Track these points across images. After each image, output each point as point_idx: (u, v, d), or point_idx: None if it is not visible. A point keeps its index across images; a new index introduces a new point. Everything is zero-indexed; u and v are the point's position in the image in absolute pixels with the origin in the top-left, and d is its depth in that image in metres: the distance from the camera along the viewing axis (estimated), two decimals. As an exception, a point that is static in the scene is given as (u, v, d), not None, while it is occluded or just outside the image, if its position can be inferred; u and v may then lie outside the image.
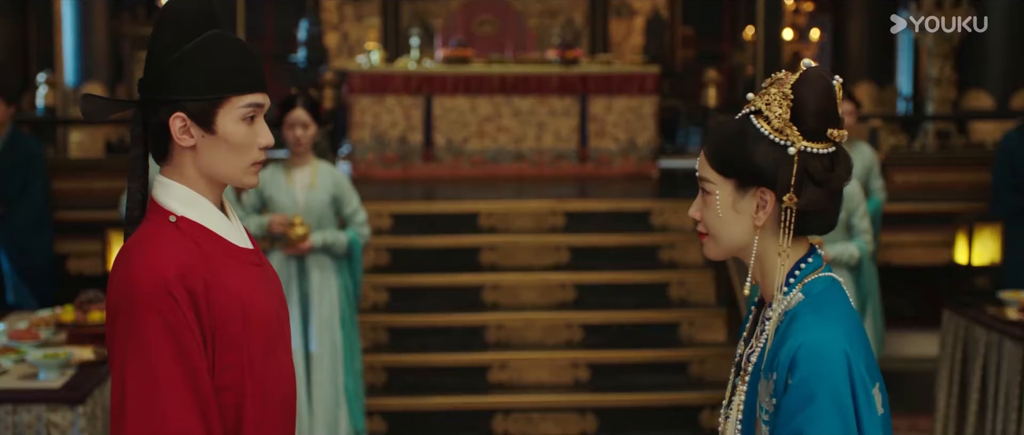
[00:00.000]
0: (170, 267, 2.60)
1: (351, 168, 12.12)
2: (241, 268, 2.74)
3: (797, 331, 2.49)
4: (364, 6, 15.10)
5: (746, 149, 2.54)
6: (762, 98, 2.57)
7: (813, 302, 2.54)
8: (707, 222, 2.64)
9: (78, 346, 5.81)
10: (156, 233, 2.68)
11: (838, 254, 6.88)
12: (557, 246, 9.51)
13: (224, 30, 2.73)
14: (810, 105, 2.53)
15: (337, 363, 7.06)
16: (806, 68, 2.59)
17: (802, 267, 2.59)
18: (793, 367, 2.45)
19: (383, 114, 12.30)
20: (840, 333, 2.48)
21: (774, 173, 2.52)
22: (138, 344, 2.57)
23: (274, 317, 2.79)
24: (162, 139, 2.72)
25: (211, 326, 2.63)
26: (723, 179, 2.58)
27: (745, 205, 2.58)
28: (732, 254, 2.65)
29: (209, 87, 2.67)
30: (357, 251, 7.05)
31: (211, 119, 2.68)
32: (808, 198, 2.53)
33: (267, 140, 2.75)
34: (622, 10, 15.57)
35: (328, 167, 7.12)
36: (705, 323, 9.04)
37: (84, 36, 12.84)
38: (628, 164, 12.54)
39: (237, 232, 2.80)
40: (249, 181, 2.76)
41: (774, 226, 2.58)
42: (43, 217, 9.30)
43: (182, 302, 2.59)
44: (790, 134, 2.52)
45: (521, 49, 14.21)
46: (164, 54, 2.68)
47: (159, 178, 2.75)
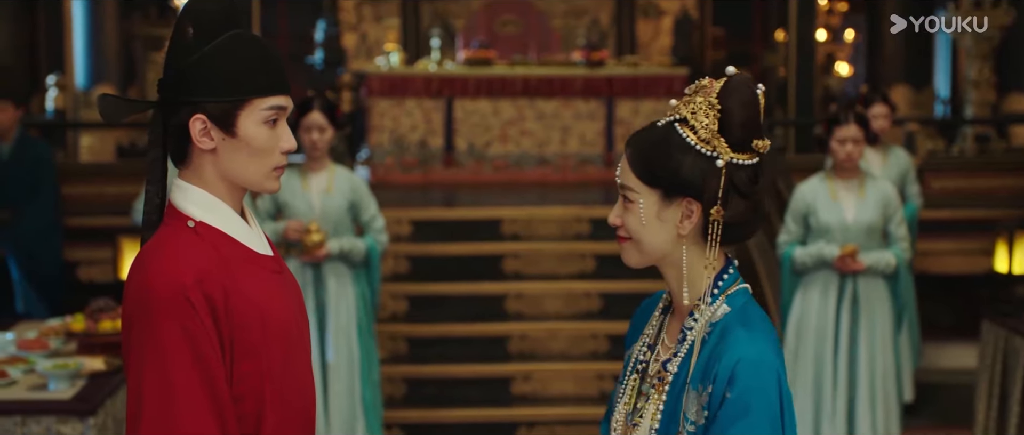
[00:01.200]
0: (188, 273, 2.61)
1: (369, 173, 12.14)
2: (261, 275, 2.74)
3: (733, 345, 2.54)
4: (383, 6, 15.13)
5: (673, 159, 2.58)
6: (687, 106, 2.61)
7: (740, 316, 2.60)
8: (629, 229, 2.67)
9: (89, 356, 5.82)
10: (174, 238, 2.69)
11: (874, 262, 6.87)
12: (582, 254, 9.51)
13: (246, 30, 2.74)
14: (737, 116, 2.57)
15: (354, 373, 7.07)
16: (730, 76, 2.61)
17: (724, 278, 2.64)
18: (732, 381, 2.50)
19: (402, 117, 12.31)
20: (771, 346, 2.56)
21: (701, 185, 2.57)
22: (155, 350, 2.58)
23: (294, 325, 2.80)
24: (181, 141, 2.72)
25: (229, 333, 2.64)
26: (648, 188, 2.62)
27: (670, 214, 2.62)
28: (653, 262, 2.68)
29: (230, 88, 2.68)
30: (375, 259, 7.06)
31: (232, 121, 2.69)
32: (733, 210, 2.57)
33: (289, 144, 2.75)
34: (649, 10, 15.57)
35: (345, 172, 7.13)
36: (735, 334, 8.99)
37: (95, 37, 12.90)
38: (656, 169, 12.49)
39: (257, 238, 2.80)
40: (270, 186, 2.77)
41: (697, 235, 2.62)
42: (53, 223, 9.33)
43: (200, 308, 2.60)
44: (718, 145, 2.56)
45: (545, 50, 14.21)
46: (184, 54, 2.69)
47: (177, 182, 2.76)
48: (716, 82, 2.60)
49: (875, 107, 8.47)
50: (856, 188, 6.97)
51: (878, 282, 7.00)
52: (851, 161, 6.88)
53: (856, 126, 6.83)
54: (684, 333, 2.64)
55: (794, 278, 7.11)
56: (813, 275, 7.02)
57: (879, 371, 7.00)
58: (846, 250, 6.84)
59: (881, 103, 8.56)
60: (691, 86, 2.64)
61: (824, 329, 7.01)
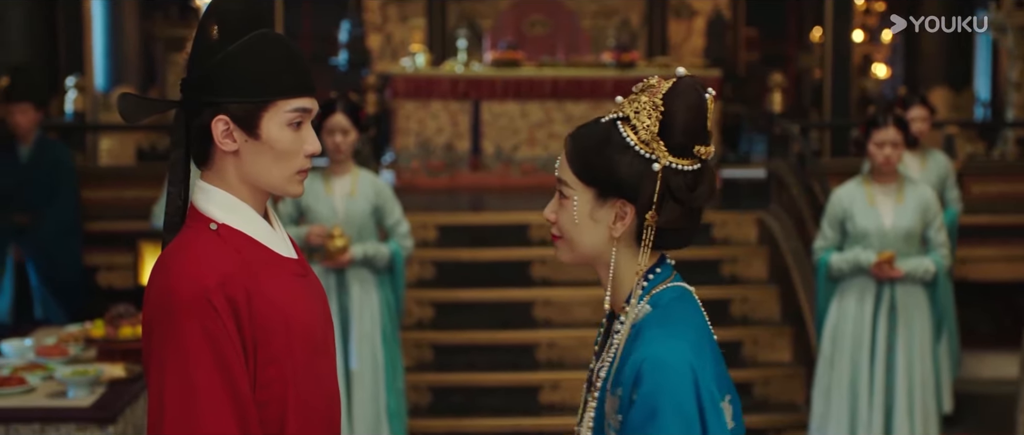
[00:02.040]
0: (210, 276, 2.62)
1: (394, 177, 12.16)
2: (284, 279, 2.75)
3: (642, 345, 2.52)
4: (409, 6, 15.12)
5: (610, 159, 2.57)
6: (631, 104, 2.58)
7: (660, 314, 2.58)
8: (562, 226, 2.66)
9: (108, 363, 5.83)
10: (196, 240, 2.69)
11: (913, 268, 6.85)
12: (613, 260, 9.47)
13: (272, 30, 2.74)
14: (680, 120, 2.54)
15: (378, 381, 7.07)
16: (680, 77, 2.59)
17: (650, 278, 2.62)
18: (638, 382, 2.48)
19: (428, 120, 12.33)
20: (685, 346, 2.51)
21: (636, 187, 2.55)
22: (176, 353, 2.59)
23: (318, 330, 2.81)
24: (204, 142, 2.73)
25: (252, 338, 2.65)
26: (583, 186, 2.60)
27: (603, 215, 2.60)
28: (585, 261, 2.66)
29: (254, 89, 2.68)
30: (400, 264, 7.07)
31: (255, 123, 2.70)
32: (668, 216, 2.55)
33: (314, 147, 2.76)
34: (681, 10, 15.53)
35: (369, 176, 7.14)
36: (769, 342, 9.02)
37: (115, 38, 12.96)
38: (688, 173, 12.47)
39: (281, 241, 2.81)
40: (293, 190, 2.78)
41: (630, 237, 2.60)
42: (72, 228, 9.37)
43: (222, 312, 2.60)
44: (656, 149, 2.54)
45: (574, 51, 14.19)
46: (208, 54, 2.69)
47: (199, 183, 2.77)
48: (665, 82, 2.57)
49: (914, 109, 8.44)
50: (894, 193, 6.95)
51: (916, 289, 6.98)
52: (889, 165, 6.87)
53: (895, 129, 6.82)
54: (612, 337, 2.63)
55: (830, 285, 7.09)
56: (849, 282, 7.01)
57: (917, 381, 6.98)
58: (883, 256, 6.82)
59: (920, 105, 8.54)
60: (639, 84, 2.61)
61: (860, 337, 7.00)
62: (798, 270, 8.92)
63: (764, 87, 13.16)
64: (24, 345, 6.14)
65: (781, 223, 9.54)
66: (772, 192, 10.20)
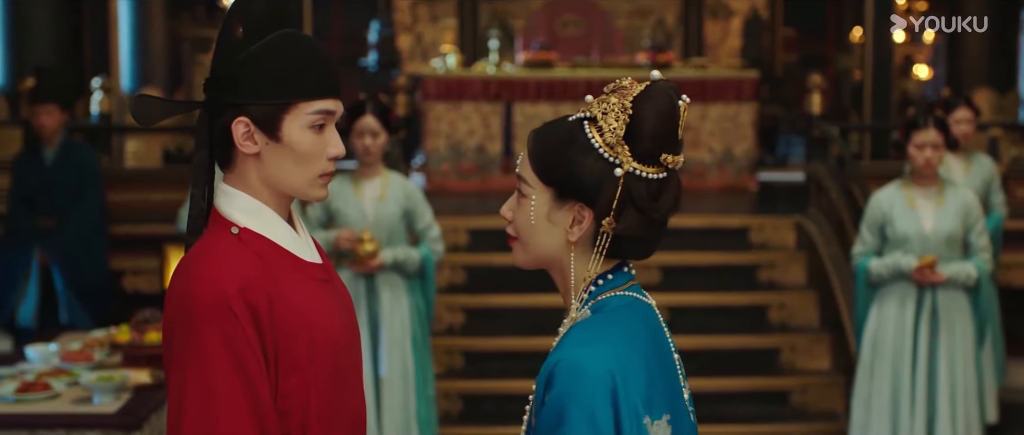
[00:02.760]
0: (231, 281, 2.61)
1: (425, 180, 12.17)
2: (308, 284, 2.73)
3: (560, 347, 2.48)
4: (439, 6, 15.14)
5: (572, 159, 2.51)
6: (600, 105, 2.53)
7: (595, 319, 2.52)
8: (517, 226, 2.61)
9: (134, 368, 5.85)
10: (217, 245, 2.68)
11: (954, 274, 6.82)
12: (647, 265, 9.46)
13: (297, 30, 2.72)
14: (648, 125, 2.48)
15: (408, 389, 7.06)
16: (654, 81, 2.54)
17: (599, 283, 2.57)
18: (550, 384, 2.43)
19: (459, 122, 12.33)
20: (608, 352, 2.43)
21: (596, 191, 2.49)
22: (196, 358, 2.58)
23: (343, 337, 2.79)
24: (225, 144, 2.72)
25: (274, 345, 2.64)
26: (542, 185, 2.55)
27: (560, 217, 2.54)
28: (540, 264, 2.61)
29: (275, 91, 2.67)
30: (430, 269, 7.06)
31: (276, 125, 2.68)
32: (627, 223, 2.50)
33: (337, 150, 2.73)
34: (718, 10, 15.51)
35: (399, 178, 7.13)
36: (808, 349, 8.98)
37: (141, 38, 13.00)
38: (725, 176, 12.50)
39: (305, 245, 2.79)
40: (316, 194, 2.76)
41: (586, 243, 2.55)
42: (98, 231, 9.40)
43: (242, 318, 2.59)
44: (620, 153, 2.48)
45: (608, 52, 14.17)
46: (231, 53, 2.68)
47: (222, 186, 2.75)
48: (639, 84, 2.52)
49: (957, 111, 8.40)
50: (935, 196, 6.92)
51: (958, 295, 6.95)
52: (930, 168, 6.84)
53: (936, 131, 6.78)
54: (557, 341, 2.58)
55: (870, 291, 7.06)
56: (890, 287, 6.97)
57: (960, 389, 6.95)
58: (924, 261, 6.79)
59: (964, 107, 8.49)
60: (611, 84, 2.56)
61: (901, 344, 6.96)
62: (837, 275, 8.89)
63: (802, 88, 13.13)
64: (49, 350, 6.17)
65: (820, 227, 9.50)
66: (811, 196, 10.17)
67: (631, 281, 2.59)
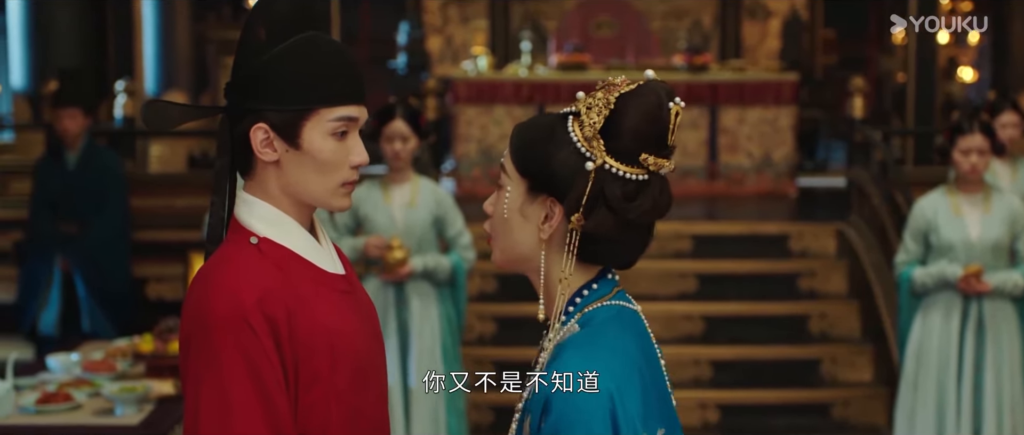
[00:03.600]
0: (249, 293, 2.58)
1: (455, 185, 12.15)
2: (329, 296, 2.70)
3: (557, 369, 2.40)
4: (470, 7, 15.13)
5: (548, 150, 2.48)
6: (585, 100, 2.50)
7: (585, 336, 2.46)
8: (494, 221, 2.58)
9: (157, 379, 5.83)
10: (236, 255, 2.66)
11: (1001, 282, 6.77)
12: (683, 273, 9.45)
13: (321, 33, 2.69)
14: (628, 121, 2.44)
15: (438, 400, 7.04)
16: (646, 80, 2.51)
17: (584, 294, 2.52)
18: (547, 410, 2.37)
19: (491, 126, 12.31)
20: (604, 372, 2.37)
21: (567, 185, 2.45)
22: (213, 372, 2.56)
23: (366, 351, 2.75)
24: (245, 151, 2.69)
25: (293, 359, 2.60)
26: (519, 177, 2.52)
27: (532, 211, 2.51)
28: (514, 263, 2.57)
29: (295, 96, 2.63)
30: (461, 277, 7.04)
31: (296, 132, 2.64)
32: (597, 222, 2.45)
33: (360, 158, 2.70)
34: (756, 11, 15.46)
35: (430, 184, 7.11)
36: (849, 360, 8.95)
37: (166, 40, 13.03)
38: (763, 182, 12.45)
39: (327, 256, 2.76)
40: (338, 203, 2.72)
41: (560, 242, 2.50)
42: (121, 237, 9.41)
43: (260, 332, 2.56)
44: (595, 147, 2.45)
45: (644, 54, 14.15)
46: (252, 56, 2.65)
47: (241, 194, 2.73)
48: (629, 83, 2.49)
49: (1004, 115, 8.33)
50: (981, 203, 6.87)
51: (1006, 305, 6.89)
52: (975, 173, 6.78)
53: (981, 136, 6.73)
54: (540, 354, 2.54)
55: (913, 301, 7.01)
56: (934, 297, 6.92)
57: (1007, 402, 6.89)
58: (970, 270, 6.73)
59: (1011, 111, 8.42)
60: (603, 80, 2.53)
61: (946, 356, 6.91)
62: (880, 285, 8.85)
63: (843, 91, 13.08)
64: (71, 360, 6.16)
65: (862, 235, 9.46)
66: (852, 202, 10.14)
67: (616, 288, 2.55)
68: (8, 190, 10.84)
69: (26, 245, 9.49)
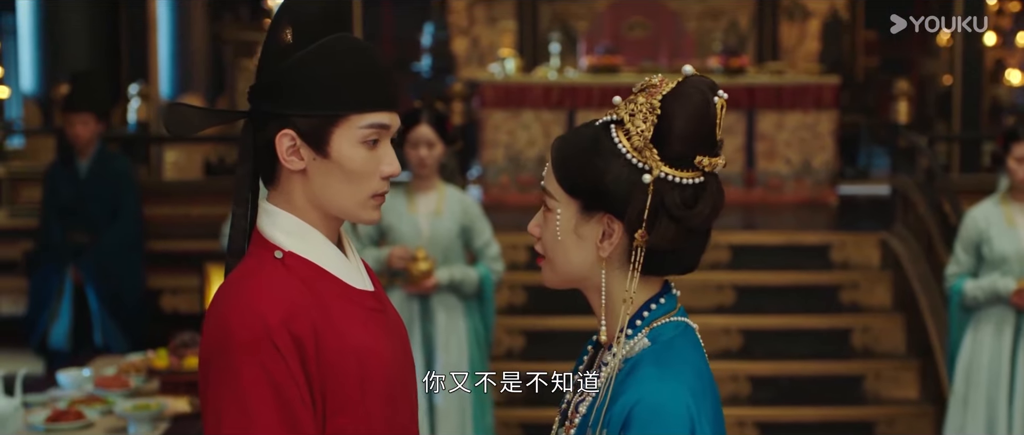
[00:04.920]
0: (273, 311, 2.52)
1: (482, 193, 12.14)
2: (359, 314, 2.64)
3: (635, 385, 2.39)
4: (497, 8, 15.11)
5: (597, 166, 2.44)
6: (627, 106, 2.46)
7: (658, 351, 2.44)
8: (545, 243, 2.55)
9: (172, 396, 5.81)
10: (259, 270, 2.60)
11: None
12: (720, 285, 9.40)
13: (351, 35, 2.64)
14: (678, 125, 2.41)
15: (466, 418, 7.01)
16: (686, 77, 2.46)
17: (652, 308, 2.50)
18: (627, 425, 2.35)
19: (519, 131, 12.30)
20: (684, 390, 2.37)
21: (625, 200, 2.42)
22: (234, 397, 2.50)
23: (397, 374, 2.71)
24: (269, 159, 2.63)
25: (321, 382, 2.55)
26: (568, 197, 2.48)
27: (589, 231, 2.48)
28: (571, 284, 2.55)
29: (324, 102, 2.58)
30: (489, 290, 7.00)
31: (324, 140, 2.59)
32: (661, 235, 2.42)
33: (392, 168, 2.65)
34: (794, 11, 15.42)
35: (456, 192, 7.07)
36: (894, 376, 8.91)
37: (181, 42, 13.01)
38: (802, 190, 12.41)
39: (355, 271, 2.71)
40: (368, 216, 2.68)
41: (620, 258, 2.48)
42: (134, 247, 9.39)
43: (286, 352, 2.51)
44: (649, 157, 2.41)
45: (678, 56, 14.15)
46: (277, 59, 2.60)
47: (265, 205, 2.67)
48: (669, 82, 2.45)
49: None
50: (1036, 213, 6.81)
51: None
52: (1031, 182, 6.73)
53: (1039, 142, 6.67)
54: (600, 369, 2.51)
55: (964, 315, 6.95)
56: (986, 311, 6.87)
57: (1062, 422, 6.84)
58: (1024, 284, 6.69)
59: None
60: (639, 83, 2.48)
61: (998, 372, 6.86)
62: (926, 297, 8.79)
63: (884, 95, 13.05)
64: (82, 376, 6.15)
65: (907, 245, 9.41)
66: (897, 211, 10.09)
67: (678, 304, 2.54)
68: (18, 197, 10.85)
69: (36, 255, 9.48)
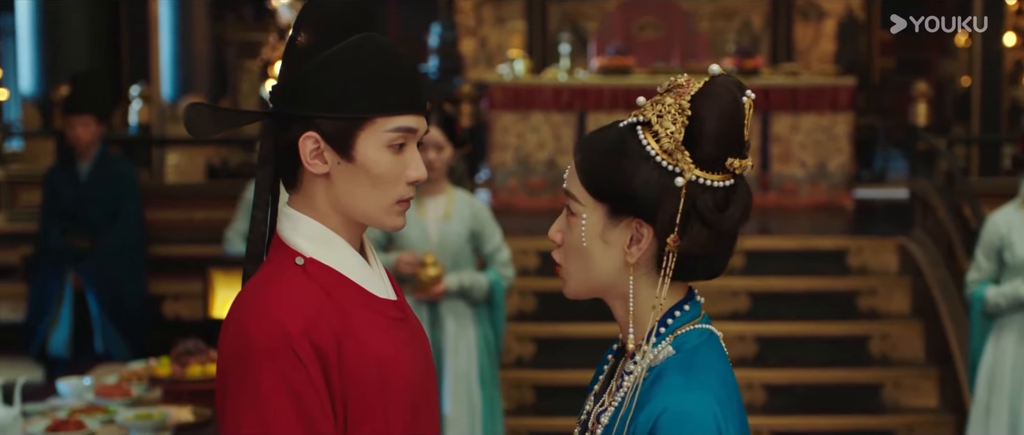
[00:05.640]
0: (295, 320, 2.50)
1: (490, 197, 12.12)
2: (381, 323, 2.62)
3: (661, 393, 2.37)
4: (506, 8, 15.11)
5: (625, 170, 2.42)
6: (654, 107, 2.44)
7: (683, 359, 2.42)
8: (568, 250, 2.52)
9: (175, 405, 5.80)
10: (279, 277, 2.58)
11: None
12: (734, 291, 9.38)
13: (377, 34, 2.63)
14: (710, 126, 2.39)
15: (475, 426, 6.99)
16: (713, 77, 2.44)
17: (676, 315, 2.47)
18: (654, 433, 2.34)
19: (528, 133, 12.28)
20: (711, 398, 2.36)
21: (655, 204, 2.40)
22: (254, 408, 2.48)
23: (420, 385, 2.68)
24: (291, 162, 2.62)
25: (342, 393, 2.53)
26: (594, 201, 2.46)
27: (616, 236, 2.45)
28: (594, 292, 2.52)
29: (349, 103, 2.56)
30: (500, 296, 6.98)
31: (349, 143, 2.57)
32: (693, 239, 2.40)
33: (418, 173, 2.64)
34: (809, 11, 15.42)
35: (466, 196, 7.05)
36: (913, 385, 8.89)
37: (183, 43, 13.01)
38: (818, 193, 12.39)
39: (378, 279, 2.69)
40: (392, 222, 2.66)
41: (648, 264, 2.45)
42: (136, 252, 9.37)
43: (308, 362, 2.48)
44: (680, 159, 2.39)
45: (690, 57, 14.13)
46: (302, 58, 2.58)
47: (286, 209, 2.66)
48: (696, 82, 2.43)
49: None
50: (1058, 217, 6.79)
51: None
52: (1054, 186, 6.71)
53: (1061, 145, 6.65)
54: (623, 379, 2.48)
55: (986, 322, 6.93)
56: (1008, 319, 6.85)
57: (1087, 431, 6.81)
58: (1047, 290, 6.66)
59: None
60: (664, 83, 2.47)
61: (1021, 381, 6.85)
62: (945, 303, 8.76)
63: (901, 97, 13.03)
64: (83, 384, 6.12)
65: (926, 250, 9.38)
66: (915, 215, 10.07)
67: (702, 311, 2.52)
68: (17, 201, 10.84)
69: (35, 260, 9.46)
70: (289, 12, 16.01)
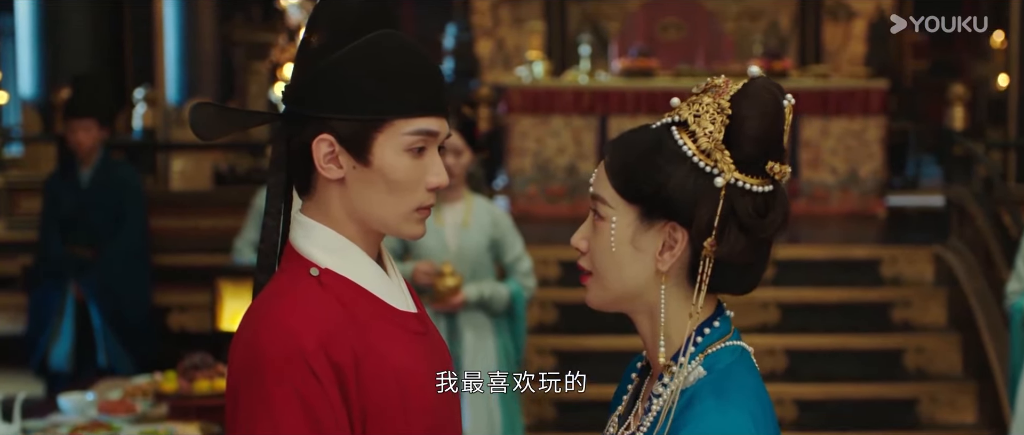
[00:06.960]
0: (309, 334, 2.45)
1: (508, 203, 12.11)
2: (400, 337, 2.57)
3: (695, 420, 2.31)
4: (524, 8, 15.11)
5: (661, 170, 2.36)
6: (691, 107, 2.39)
7: (716, 381, 2.36)
8: (594, 256, 2.46)
9: (181, 422, 5.79)
10: (292, 289, 2.53)
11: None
12: (764, 302, 9.35)
13: (396, 32, 2.58)
14: (750, 127, 2.35)
15: (495, 443, 6.96)
16: (753, 77, 2.41)
17: (706, 332, 2.41)
18: None
19: (548, 138, 12.28)
20: (748, 420, 2.31)
21: (692, 207, 2.35)
22: (266, 421, 2.44)
23: (442, 403, 2.63)
24: (304, 166, 2.57)
25: (361, 410, 2.48)
26: (625, 204, 2.40)
27: (648, 242, 2.40)
28: (621, 303, 2.46)
29: (366, 104, 2.51)
30: (520, 307, 6.95)
31: (366, 146, 2.52)
32: (730, 246, 2.35)
33: (439, 179, 2.59)
34: (838, 12, 15.40)
35: (485, 203, 7.02)
36: (950, 400, 8.88)
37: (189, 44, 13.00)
38: (848, 200, 12.38)
39: (397, 290, 2.64)
40: (411, 230, 2.61)
41: (680, 274, 2.40)
42: (140, 262, 9.36)
43: (325, 379, 2.44)
44: (720, 160, 2.34)
45: (715, 58, 14.15)
46: (316, 56, 2.54)
47: (299, 217, 2.61)
48: (734, 83, 2.39)
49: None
50: (1103, 225, 6.75)
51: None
52: (1098, 192, 6.66)
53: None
54: (651, 401, 2.43)
55: (1027, 334, 6.90)
56: (1050, 331, 6.81)
57: None
58: (1090, 301, 6.63)
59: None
60: (700, 84, 2.43)
61: (1064, 396, 6.80)
62: (984, 315, 8.74)
63: (934, 100, 12.99)
64: (85, 400, 6.10)
65: (963, 260, 9.35)
66: (952, 223, 10.04)
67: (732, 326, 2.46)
68: (16, 209, 10.83)
69: (36, 270, 9.46)
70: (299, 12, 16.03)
